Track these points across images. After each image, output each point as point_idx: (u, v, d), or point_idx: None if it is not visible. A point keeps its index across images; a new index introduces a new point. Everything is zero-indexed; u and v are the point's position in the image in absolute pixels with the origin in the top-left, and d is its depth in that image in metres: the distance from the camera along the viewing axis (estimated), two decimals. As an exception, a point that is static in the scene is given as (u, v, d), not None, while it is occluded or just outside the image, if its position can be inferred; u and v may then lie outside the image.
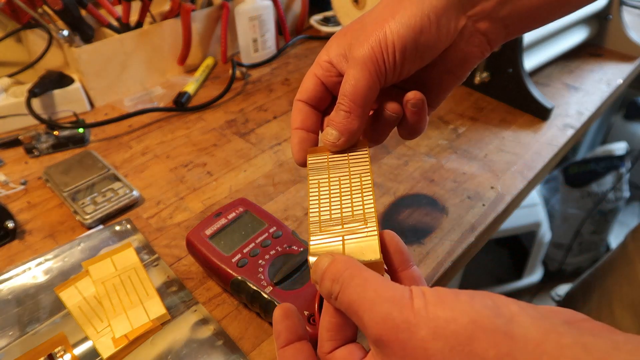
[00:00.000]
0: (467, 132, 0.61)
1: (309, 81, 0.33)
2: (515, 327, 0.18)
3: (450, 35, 0.29)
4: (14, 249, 0.46)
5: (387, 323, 0.20)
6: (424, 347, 0.19)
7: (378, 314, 0.21)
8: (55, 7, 0.61)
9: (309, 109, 0.33)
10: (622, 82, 0.72)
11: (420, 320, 0.20)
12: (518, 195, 0.51)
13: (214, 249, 0.39)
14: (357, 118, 0.29)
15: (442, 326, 0.19)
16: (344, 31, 0.32)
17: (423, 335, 0.19)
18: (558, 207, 1.44)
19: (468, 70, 0.33)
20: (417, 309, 0.20)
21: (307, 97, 0.33)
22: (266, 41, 0.78)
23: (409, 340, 0.20)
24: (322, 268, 0.24)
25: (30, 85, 0.62)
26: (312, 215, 0.28)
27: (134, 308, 0.39)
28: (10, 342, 0.37)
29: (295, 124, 0.33)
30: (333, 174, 0.30)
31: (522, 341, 0.18)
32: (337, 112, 0.30)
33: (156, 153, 0.59)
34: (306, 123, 0.33)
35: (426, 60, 0.30)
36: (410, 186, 0.52)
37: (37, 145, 0.58)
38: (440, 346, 0.19)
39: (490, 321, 0.19)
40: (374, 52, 0.28)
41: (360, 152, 0.31)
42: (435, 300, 0.20)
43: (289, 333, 0.26)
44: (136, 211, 0.50)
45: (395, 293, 0.21)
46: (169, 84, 0.73)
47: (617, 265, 0.70)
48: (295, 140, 0.32)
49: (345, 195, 0.29)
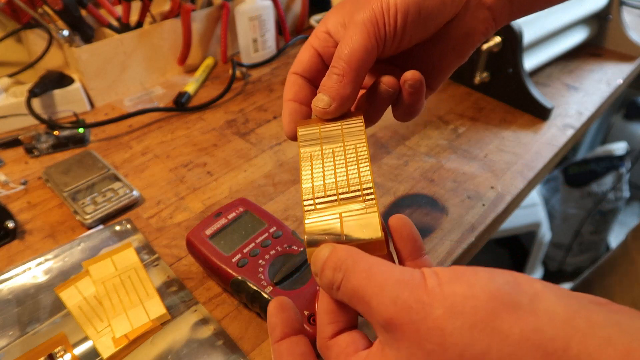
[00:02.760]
0: (467, 132, 0.61)
1: (305, 53, 0.31)
2: (540, 304, 0.17)
3: (456, 5, 0.29)
4: (14, 249, 0.46)
5: (397, 304, 0.19)
6: (440, 327, 0.17)
7: (387, 296, 0.19)
8: (55, 7, 0.61)
9: (303, 81, 0.31)
10: (622, 82, 0.72)
11: (434, 299, 0.18)
12: (518, 195, 0.51)
13: (214, 249, 0.39)
14: (350, 83, 0.28)
15: (460, 303, 0.17)
16: (343, 1, 0.31)
17: (438, 314, 0.18)
18: (558, 207, 1.44)
19: (471, 48, 0.32)
20: (431, 288, 0.18)
21: (302, 69, 0.31)
22: (266, 41, 0.78)
23: (423, 320, 0.18)
24: (322, 258, 0.23)
25: (30, 85, 0.62)
26: (305, 191, 0.26)
27: (134, 308, 0.39)
28: (10, 342, 0.37)
29: (288, 95, 0.31)
30: (326, 146, 0.28)
31: (549, 317, 0.17)
32: (329, 76, 0.28)
33: (156, 153, 0.59)
34: (299, 95, 0.31)
35: (429, 29, 0.29)
36: (410, 186, 0.52)
37: (37, 145, 0.58)
38: (458, 324, 0.17)
39: (512, 298, 0.17)
40: (374, 14, 0.27)
41: (354, 121, 0.29)
42: (450, 278, 0.19)
43: (284, 326, 0.24)
44: (136, 211, 0.50)
45: (404, 275, 0.20)
46: (169, 84, 0.73)
47: (617, 264, 0.70)
48: (286, 112, 0.31)
49: (340, 168, 0.27)
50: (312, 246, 0.24)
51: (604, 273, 0.73)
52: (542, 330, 0.16)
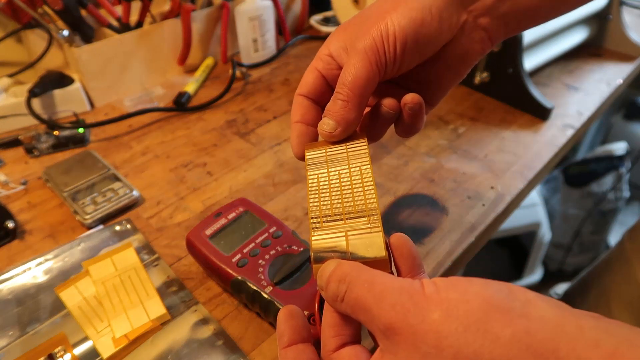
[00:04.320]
0: (467, 132, 0.61)
1: (309, 75, 0.32)
2: (532, 309, 0.18)
3: (452, 30, 0.30)
4: (14, 249, 0.46)
5: (396, 309, 0.20)
6: (436, 330, 0.18)
7: (387, 302, 0.20)
8: (55, 7, 0.61)
9: (309, 103, 0.33)
10: (622, 82, 0.72)
11: (431, 304, 0.19)
12: (518, 195, 0.51)
13: (214, 249, 0.39)
14: (355, 108, 0.29)
15: (455, 307, 0.19)
16: (344, 25, 0.32)
17: (435, 317, 0.19)
18: (558, 207, 1.44)
19: (469, 67, 0.33)
20: (429, 294, 0.20)
21: (308, 90, 0.32)
22: (266, 41, 0.78)
23: (421, 324, 0.19)
24: (328, 272, 0.24)
25: (30, 85, 0.62)
26: (312, 210, 0.28)
27: (134, 308, 0.39)
28: (10, 342, 0.37)
29: (295, 117, 0.32)
30: (332, 168, 0.30)
31: (540, 321, 0.17)
32: (334, 101, 0.30)
33: (156, 153, 0.59)
34: (306, 117, 0.32)
35: (427, 54, 0.30)
36: (410, 186, 0.52)
37: (37, 145, 0.58)
38: (453, 327, 0.18)
39: (505, 302, 0.18)
40: (374, 43, 0.28)
41: (358, 144, 0.30)
42: (447, 285, 0.20)
43: (292, 333, 0.26)
44: (136, 211, 0.50)
45: (404, 283, 0.21)
46: (169, 84, 0.73)
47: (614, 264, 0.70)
48: (294, 134, 0.32)
49: (346, 190, 0.28)
50: (318, 262, 0.25)
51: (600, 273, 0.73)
52: (532, 332, 0.17)
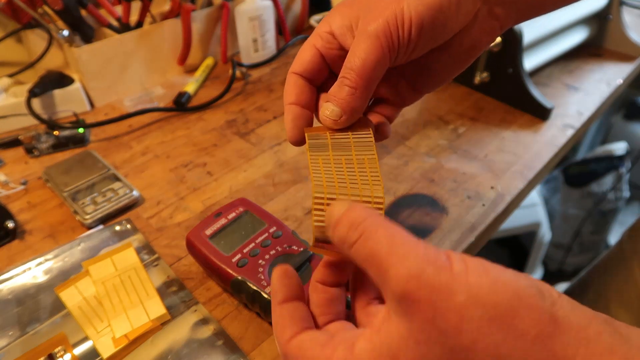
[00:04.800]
0: (467, 132, 0.61)
1: (306, 52, 0.30)
2: (559, 310, 0.18)
3: (468, 18, 0.28)
4: (14, 249, 0.46)
5: (419, 281, 0.18)
6: (459, 313, 0.18)
7: (408, 269, 0.19)
8: (55, 7, 0.61)
9: (305, 82, 0.30)
10: (622, 82, 0.72)
11: (459, 285, 0.18)
12: (518, 195, 0.51)
13: (214, 249, 0.39)
14: (362, 95, 0.27)
15: (484, 295, 0.18)
16: (349, 2, 0.29)
17: (461, 300, 0.18)
18: (558, 207, 1.44)
19: (473, 58, 0.32)
20: (457, 273, 0.18)
21: (304, 69, 0.30)
22: (266, 41, 0.78)
23: (444, 302, 0.18)
24: (337, 214, 0.22)
25: (30, 85, 0.62)
26: (317, 190, 0.25)
27: (134, 308, 0.39)
28: (10, 342, 0.37)
29: (290, 98, 0.30)
30: (336, 153, 0.27)
31: (566, 326, 0.17)
32: (340, 87, 0.27)
33: (156, 153, 0.59)
34: (301, 98, 0.30)
35: (439, 41, 0.29)
36: (410, 186, 0.52)
37: (37, 145, 0.58)
38: (478, 314, 0.17)
39: (535, 300, 0.18)
40: (388, 26, 0.26)
41: (363, 133, 0.28)
42: (478, 268, 0.19)
43: (287, 291, 0.25)
44: (136, 211, 0.50)
45: (429, 252, 0.19)
46: (169, 84, 0.73)
47: (613, 263, 0.70)
48: (289, 117, 0.30)
49: (351, 176, 0.26)
50: (319, 242, 0.24)
51: (599, 273, 0.73)
52: (556, 336, 0.17)
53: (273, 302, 0.25)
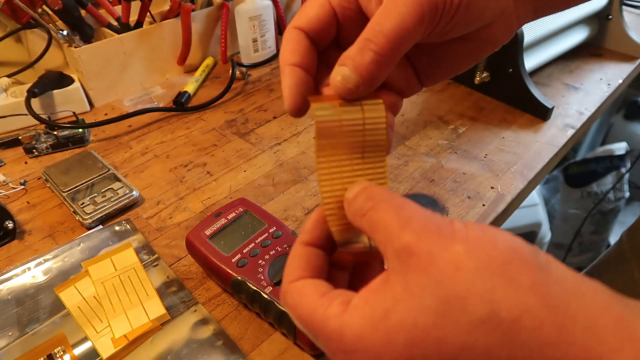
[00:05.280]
0: (467, 132, 0.61)
1: (316, 7, 0.25)
2: (554, 268, 0.18)
3: (502, 7, 0.26)
4: (13, 249, 0.46)
5: (419, 233, 0.19)
6: (455, 262, 0.18)
7: (411, 225, 0.19)
8: (55, 7, 0.61)
9: (308, 42, 0.25)
10: (622, 82, 0.72)
11: (458, 237, 0.18)
12: (518, 195, 0.51)
13: (214, 249, 0.39)
14: (387, 65, 0.23)
15: (481, 247, 0.18)
16: None
17: (458, 250, 0.18)
18: (558, 207, 1.44)
19: (487, 54, 0.29)
20: (457, 229, 0.19)
21: (310, 25, 0.25)
22: (266, 41, 0.78)
23: (441, 252, 0.18)
24: (359, 188, 0.22)
25: (30, 85, 0.62)
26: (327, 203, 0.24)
27: (134, 308, 0.38)
28: (10, 342, 0.37)
29: (292, 57, 0.24)
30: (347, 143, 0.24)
31: (561, 278, 0.18)
32: (362, 51, 0.22)
33: (156, 153, 0.59)
34: (305, 60, 0.25)
35: (471, 27, 0.25)
36: (410, 186, 0.52)
37: (37, 145, 0.58)
38: (473, 264, 0.18)
39: (531, 256, 0.18)
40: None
41: (374, 105, 0.24)
42: (477, 228, 0.19)
43: (316, 235, 0.24)
44: (136, 211, 0.50)
45: (434, 215, 0.20)
46: (168, 84, 0.73)
47: (612, 263, 0.70)
48: (290, 81, 0.24)
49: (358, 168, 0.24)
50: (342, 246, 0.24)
51: (599, 272, 0.73)
52: (550, 285, 0.17)
53: (297, 240, 0.24)
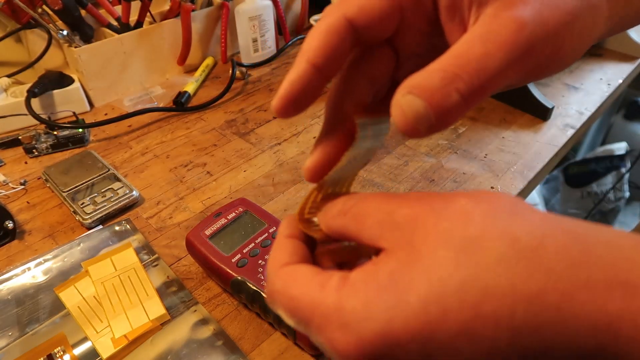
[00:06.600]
0: (467, 132, 0.61)
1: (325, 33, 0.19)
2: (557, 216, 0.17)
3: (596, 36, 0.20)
4: (13, 249, 0.46)
5: (420, 199, 0.18)
6: (463, 210, 0.16)
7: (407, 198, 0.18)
8: (55, 7, 0.61)
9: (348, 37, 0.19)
10: (622, 82, 0.72)
11: (459, 194, 0.17)
12: (518, 195, 0.51)
13: (214, 249, 0.39)
14: (471, 104, 0.17)
15: (485, 198, 0.17)
16: None
17: (462, 202, 0.17)
18: (558, 207, 1.44)
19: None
20: (454, 192, 0.18)
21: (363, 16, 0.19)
22: (266, 41, 0.78)
23: (445, 207, 0.17)
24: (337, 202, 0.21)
25: (30, 85, 0.62)
26: None
27: (134, 308, 0.38)
28: (10, 342, 0.37)
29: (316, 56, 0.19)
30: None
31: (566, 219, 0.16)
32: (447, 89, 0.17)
33: (156, 153, 0.59)
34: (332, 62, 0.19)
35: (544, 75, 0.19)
36: (410, 186, 0.52)
37: (37, 145, 0.58)
38: (481, 208, 0.16)
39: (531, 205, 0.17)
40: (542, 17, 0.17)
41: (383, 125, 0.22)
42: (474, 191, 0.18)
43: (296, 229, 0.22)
44: (136, 211, 0.50)
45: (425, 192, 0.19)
46: (168, 83, 0.73)
47: None
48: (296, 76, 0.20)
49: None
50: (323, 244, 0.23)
51: None
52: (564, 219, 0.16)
53: (278, 234, 0.22)
